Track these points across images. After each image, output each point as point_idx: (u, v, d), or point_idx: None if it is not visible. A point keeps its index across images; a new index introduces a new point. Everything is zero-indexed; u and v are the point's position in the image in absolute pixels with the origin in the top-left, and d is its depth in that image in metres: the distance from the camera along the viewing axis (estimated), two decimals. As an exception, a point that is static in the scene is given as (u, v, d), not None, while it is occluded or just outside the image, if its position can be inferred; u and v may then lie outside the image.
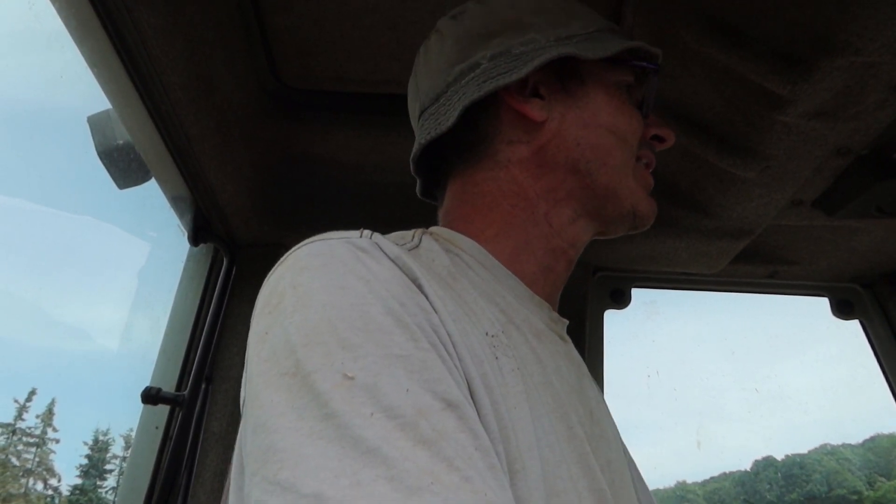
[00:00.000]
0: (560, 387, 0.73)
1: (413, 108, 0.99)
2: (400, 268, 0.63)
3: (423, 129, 0.91)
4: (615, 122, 0.85)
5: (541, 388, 0.69)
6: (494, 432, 0.56)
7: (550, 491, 0.61)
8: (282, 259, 0.66)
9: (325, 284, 0.59)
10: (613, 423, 0.84)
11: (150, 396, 1.52)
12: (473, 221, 0.85)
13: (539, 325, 0.79)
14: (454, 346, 0.59)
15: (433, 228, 0.85)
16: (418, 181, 1.03)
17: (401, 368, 0.52)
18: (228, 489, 0.71)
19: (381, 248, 0.65)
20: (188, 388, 1.57)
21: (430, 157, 0.95)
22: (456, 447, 0.49)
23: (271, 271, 0.66)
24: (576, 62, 0.85)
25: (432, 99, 0.90)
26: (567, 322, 0.88)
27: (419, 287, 0.62)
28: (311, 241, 0.67)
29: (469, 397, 0.57)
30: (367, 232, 0.69)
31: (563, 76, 0.86)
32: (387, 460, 0.46)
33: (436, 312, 0.61)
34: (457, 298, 0.68)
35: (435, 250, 0.76)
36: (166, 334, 1.69)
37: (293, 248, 0.67)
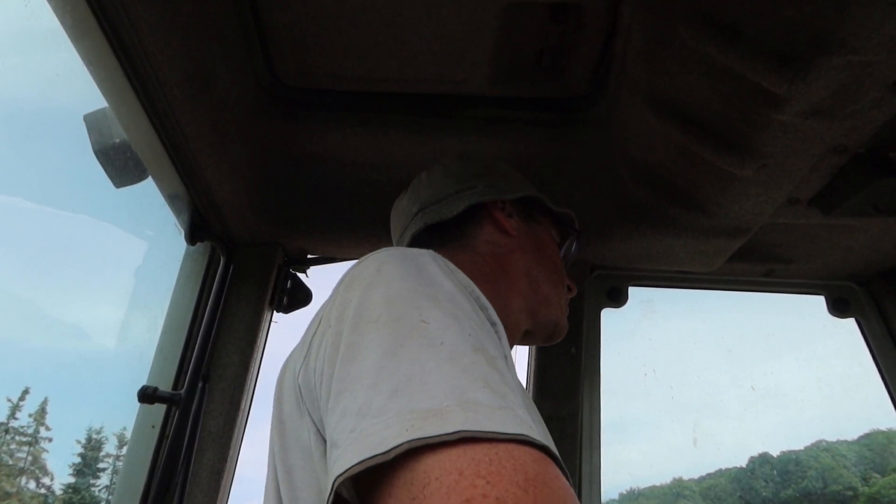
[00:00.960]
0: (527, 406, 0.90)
1: (410, 207, 1.24)
2: (457, 276, 0.80)
3: (426, 216, 1.18)
4: (552, 257, 1.21)
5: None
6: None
7: None
8: (359, 262, 0.82)
9: (405, 269, 0.75)
10: None
11: (147, 395, 1.51)
12: None
13: None
14: (500, 329, 0.77)
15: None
16: None
17: (466, 324, 0.68)
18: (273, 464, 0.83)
19: (444, 260, 0.83)
20: (185, 387, 1.57)
21: (420, 243, 1.18)
22: (502, 382, 0.62)
23: (351, 268, 0.82)
24: (533, 209, 1.24)
25: (434, 202, 1.20)
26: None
27: (471, 290, 0.79)
28: (386, 249, 0.84)
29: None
30: (430, 250, 0.86)
31: (528, 214, 1.22)
32: (449, 372, 0.60)
33: (487, 308, 0.78)
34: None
35: (453, 266, 0.90)
36: (163, 333, 1.69)
37: (371, 253, 0.83)
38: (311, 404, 0.74)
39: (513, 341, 1.14)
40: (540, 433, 0.60)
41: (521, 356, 1.83)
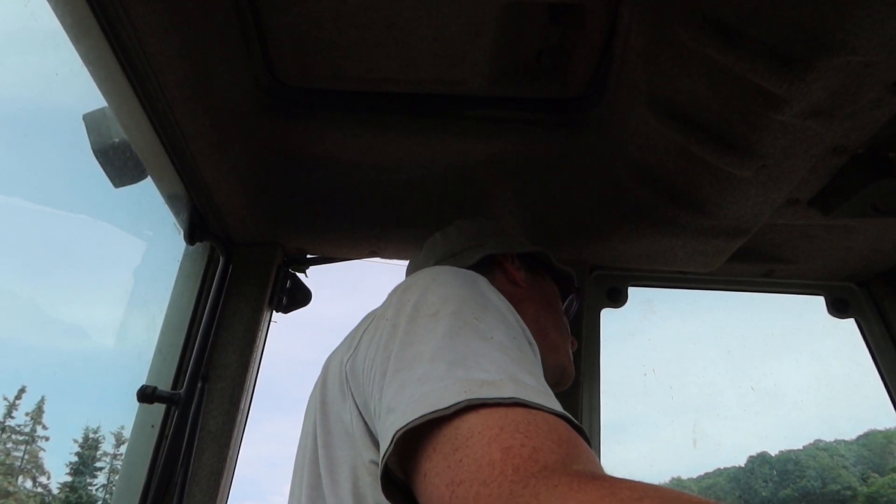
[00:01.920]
0: None
1: (424, 263, 1.33)
2: (499, 294, 0.87)
3: (450, 263, 1.28)
4: (556, 310, 1.30)
5: None
6: None
7: None
8: (412, 275, 0.91)
9: (458, 280, 0.84)
10: None
11: (147, 395, 1.51)
12: None
13: None
14: (536, 350, 0.83)
15: None
16: None
17: (513, 329, 0.76)
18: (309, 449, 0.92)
19: (488, 281, 0.89)
20: (184, 387, 1.57)
21: None
22: (542, 377, 0.70)
23: (403, 281, 0.92)
24: (540, 265, 1.34)
25: (449, 255, 1.30)
26: None
27: (513, 313, 0.84)
28: (446, 265, 0.97)
29: None
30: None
31: (533, 269, 1.31)
32: (500, 357, 0.67)
33: (526, 329, 0.83)
34: None
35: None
36: (162, 333, 1.69)
37: (424, 269, 0.92)
38: (355, 388, 0.82)
39: None
40: None
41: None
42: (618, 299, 1.95)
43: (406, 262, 1.49)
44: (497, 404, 0.60)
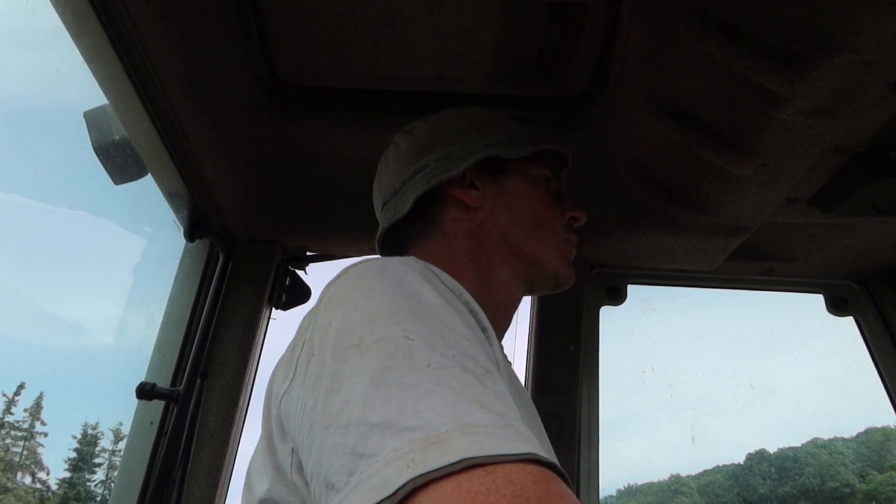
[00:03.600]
0: (525, 401, 0.90)
1: (377, 203, 1.22)
2: (443, 281, 0.78)
3: (386, 217, 1.15)
4: (534, 207, 1.12)
5: (516, 395, 0.81)
6: None
7: None
8: (339, 274, 0.79)
9: (384, 283, 0.72)
10: None
11: (146, 392, 1.52)
12: None
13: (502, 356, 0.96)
14: (492, 334, 0.77)
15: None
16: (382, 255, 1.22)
17: (451, 339, 0.65)
18: (253, 468, 0.83)
19: (426, 266, 0.80)
20: (183, 384, 1.57)
21: (393, 238, 1.17)
22: (497, 399, 0.59)
23: (329, 284, 0.79)
24: (502, 160, 1.12)
25: (391, 194, 1.15)
26: (511, 363, 1.05)
27: (459, 294, 0.78)
28: (367, 260, 0.81)
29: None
30: (412, 257, 0.84)
31: (493, 171, 1.12)
32: (441, 396, 0.57)
33: (477, 312, 0.77)
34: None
35: (437, 269, 0.86)
36: (162, 330, 1.69)
37: (349, 266, 0.80)
38: (291, 433, 0.72)
39: (511, 313, 1.12)
40: (540, 444, 0.59)
41: (521, 354, 1.83)
42: (617, 297, 1.95)
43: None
44: (448, 474, 0.50)
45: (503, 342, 1.11)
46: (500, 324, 1.09)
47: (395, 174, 1.16)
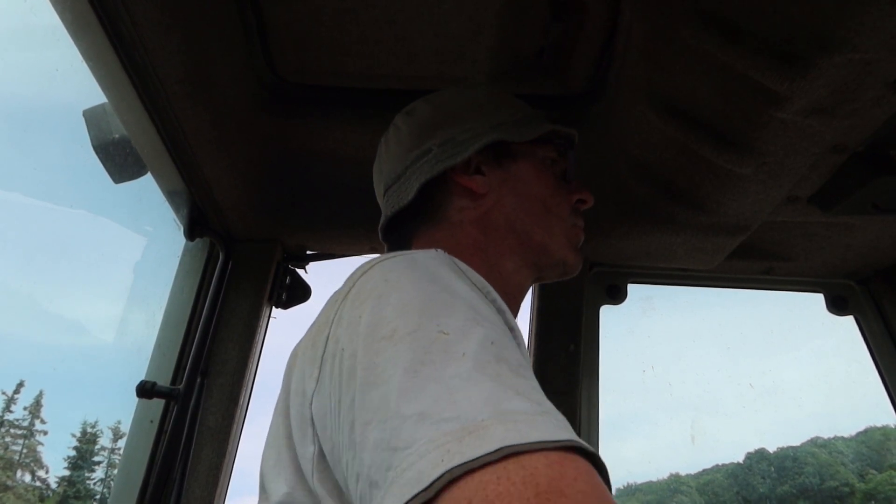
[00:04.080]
0: None
1: (378, 188, 1.19)
2: (470, 278, 0.75)
3: (388, 204, 1.11)
4: (541, 192, 1.08)
5: None
6: None
7: None
8: (364, 268, 0.77)
9: (414, 276, 0.71)
10: None
11: (146, 390, 1.52)
12: None
13: None
14: (517, 334, 0.74)
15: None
16: (386, 246, 1.18)
17: (488, 330, 0.63)
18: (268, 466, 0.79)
19: (454, 260, 0.78)
20: (183, 383, 1.57)
21: (397, 225, 1.12)
22: (533, 389, 0.58)
23: (354, 279, 0.77)
24: (508, 144, 1.08)
25: (394, 179, 1.11)
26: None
27: (487, 291, 0.75)
28: (394, 255, 0.78)
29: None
30: (440, 250, 0.81)
31: (499, 155, 1.08)
32: (478, 385, 0.55)
33: (504, 311, 0.73)
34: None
35: (464, 265, 0.83)
36: (162, 328, 1.69)
37: (374, 260, 0.78)
38: (321, 433, 0.69)
39: (520, 301, 1.09)
40: None
41: (520, 353, 1.83)
42: (617, 296, 1.95)
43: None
44: (485, 464, 0.48)
45: None
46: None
47: (397, 158, 1.11)
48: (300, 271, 1.90)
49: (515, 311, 1.07)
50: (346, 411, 0.63)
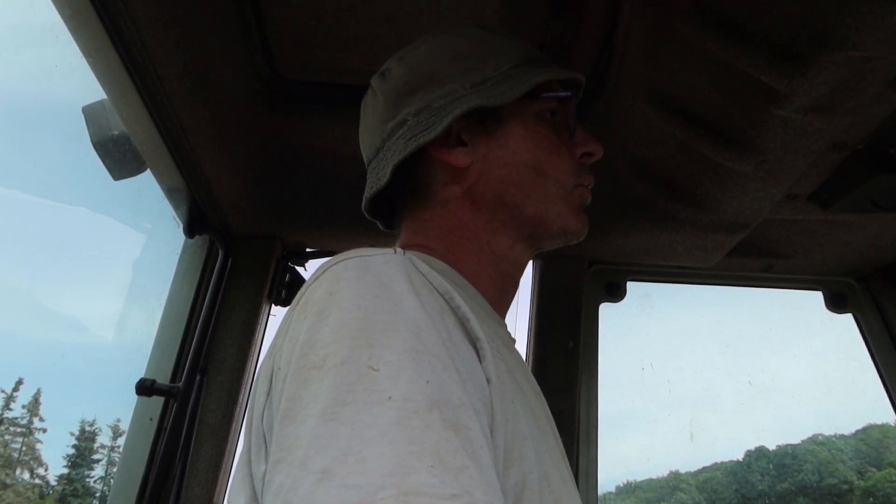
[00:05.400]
0: (528, 392, 0.83)
1: (365, 161, 1.07)
2: (431, 282, 0.71)
3: (369, 182, 1.02)
4: (534, 157, 0.94)
5: (518, 391, 0.76)
6: (500, 424, 0.64)
7: (542, 475, 0.69)
8: (318, 272, 0.72)
9: (359, 292, 0.65)
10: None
11: (145, 388, 1.52)
12: (432, 252, 0.91)
13: (505, 339, 0.90)
14: (485, 344, 0.68)
15: (408, 253, 0.83)
16: (378, 221, 1.11)
17: (426, 364, 0.58)
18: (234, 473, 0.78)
19: (413, 264, 0.72)
20: (183, 380, 1.57)
21: (382, 200, 1.04)
22: (461, 449, 0.53)
23: (307, 284, 0.73)
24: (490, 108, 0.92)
25: (373, 153, 1.01)
26: (515, 340, 0.99)
27: (450, 298, 0.71)
28: (348, 257, 0.72)
29: (484, 398, 0.64)
30: (399, 250, 0.76)
31: (483, 119, 0.94)
32: (394, 442, 0.51)
33: (468, 320, 0.69)
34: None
35: (426, 268, 0.78)
36: (161, 326, 1.69)
37: (329, 263, 0.72)
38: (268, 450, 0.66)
39: (518, 278, 1.01)
40: (541, 438, 0.57)
41: (521, 351, 1.83)
42: (616, 294, 1.95)
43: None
44: None
45: (507, 318, 1.01)
46: (507, 293, 0.99)
47: (374, 129, 1.01)
48: (300, 269, 1.90)
49: (512, 291, 1.01)
50: (269, 439, 0.61)
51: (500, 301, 0.97)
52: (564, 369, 1.74)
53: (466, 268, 0.91)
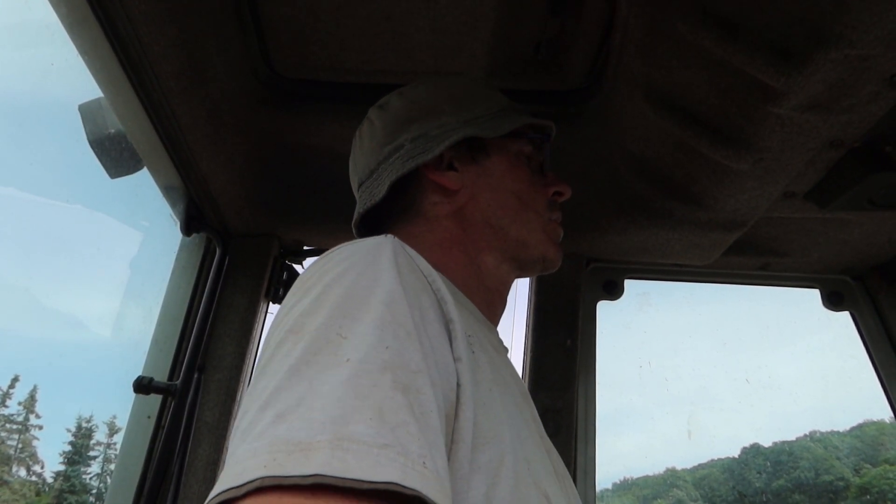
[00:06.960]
0: (515, 392, 0.87)
1: (354, 182, 1.17)
2: (417, 264, 0.77)
3: (362, 200, 1.09)
4: (517, 186, 1.07)
5: (501, 383, 0.80)
6: (469, 399, 0.67)
7: (523, 458, 0.72)
8: (317, 259, 0.77)
9: (345, 269, 0.70)
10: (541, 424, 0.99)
11: (143, 386, 1.52)
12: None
13: (494, 342, 0.96)
14: (458, 326, 0.72)
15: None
16: None
17: (389, 333, 0.62)
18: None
19: (402, 246, 0.77)
20: (180, 378, 1.57)
21: (372, 220, 1.12)
22: (404, 408, 0.57)
23: (305, 271, 0.78)
24: (481, 139, 1.06)
25: (367, 174, 1.10)
26: (508, 349, 1.05)
27: (432, 280, 0.75)
28: (344, 245, 0.78)
29: (447, 373, 0.67)
30: (390, 235, 0.80)
31: (473, 150, 1.07)
32: (342, 396, 0.55)
33: (446, 302, 0.73)
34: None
35: (414, 252, 0.83)
36: (159, 324, 1.69)
37: (328, 251, 0.78)
38: None
39: (504, 295, 1.09)
40: (527, 439, 0.58)
41: (518, 348, 1.84)
42: (614, 292, 1.96)
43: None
44: (294, 486, 0.48)
45: (500, 329, 1.08)
46: (495, 307, 1.06)
47: (370, 153, 1.10)
48: (297, 267, 1.90)
49: (502, 305, 1.08)
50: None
51: (489, 313, 1.03)
52: (562, 367, 1.74)
53: (455, 277, 0.97)
